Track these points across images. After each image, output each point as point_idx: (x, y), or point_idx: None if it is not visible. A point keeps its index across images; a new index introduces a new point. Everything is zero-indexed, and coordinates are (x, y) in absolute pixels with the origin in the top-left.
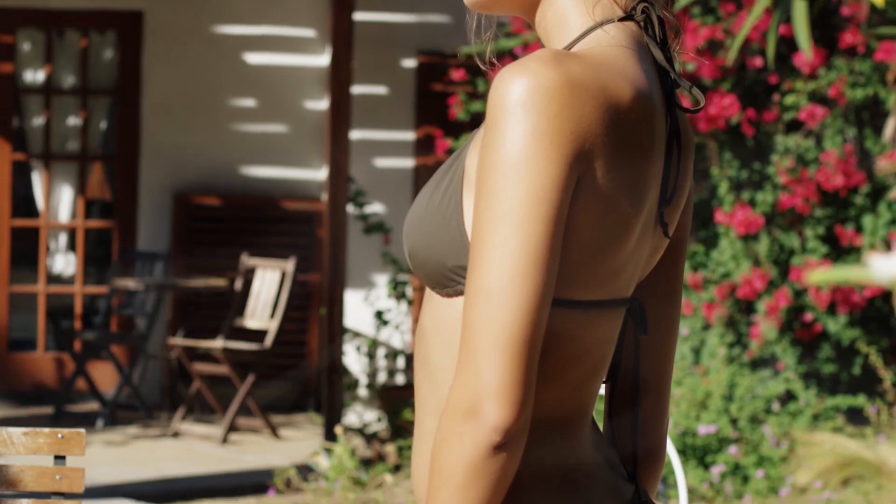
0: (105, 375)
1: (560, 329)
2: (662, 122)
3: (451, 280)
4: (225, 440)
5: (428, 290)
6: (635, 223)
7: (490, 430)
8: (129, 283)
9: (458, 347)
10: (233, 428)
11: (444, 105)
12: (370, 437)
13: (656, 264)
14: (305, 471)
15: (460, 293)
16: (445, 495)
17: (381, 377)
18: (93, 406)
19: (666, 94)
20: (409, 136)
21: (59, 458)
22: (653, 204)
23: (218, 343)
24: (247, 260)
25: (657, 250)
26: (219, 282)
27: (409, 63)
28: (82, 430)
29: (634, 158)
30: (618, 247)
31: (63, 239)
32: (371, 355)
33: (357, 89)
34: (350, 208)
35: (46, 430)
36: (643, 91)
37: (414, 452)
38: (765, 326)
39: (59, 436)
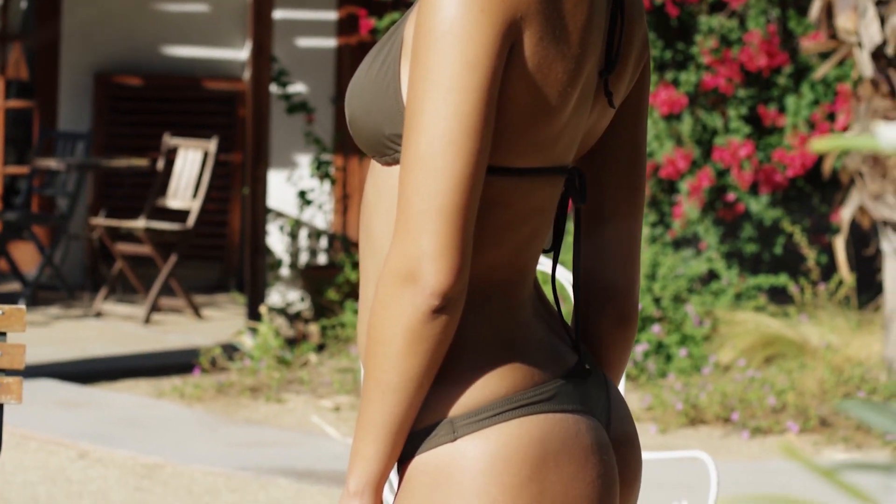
0: (26, 256)
1: (496, 196)
2: None
3: (388, 148)
4: (147, 320)
5: (371, 163)
6: (572, 91)
7: (428, 294)
8: (51, 164)
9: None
10: (155, 308)
11: None
12: (293, 317)
13: (618, 129)
14: (230, 350)
15: (398, 161)
16: (384, 360)
17: (304, 257)
18: (14, 287)
19: None
20: (331, 15)
21: (0, 335)
22: (593, 72)
23: (140, 223)
24: (169, 140)
25: (602, 119)
26: (141, 162)
27: None
28: (23, 307)
29: (570, 26)
30: (553, 115)
31: None
32: (294, 235)
33: None
34: (273, 88)
35: None
36: None
37: (359, 322)
38: (687, 206)
39: (0, 312)
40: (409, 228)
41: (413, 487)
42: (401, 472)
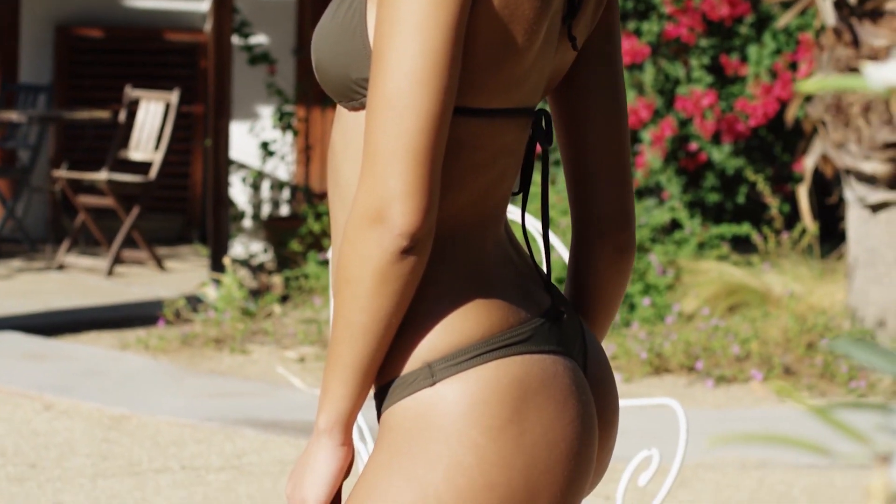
0: None
1: (463, 137)
2: None
3: (355, 93)
4: (110, 272)
5: (338, 109)
6: (538, 30)
7: (396, 234)
8: (12, 116)
9: None
10: (118, 260)
11: None
12: (256, 269)
13: (593, 63)
14: (194, 302)
15: (365, 106)
16: (353, 301)
17: (267, 209)
18: None
19: None
20: None
21: None
22: (557, 15)
23: (102, 175)
24: (130, 92)
25: (566, 60)
26: (102, 114)
27: None
28: None
29: None
30: (520, 54)
31: None
32: (256, 187)
33: None
34: (234, 39)
35: None
36: None
37: (331, 272)
38: (650, 156)
39: None
40: (376, 169)
41: (394, 433)
42: (381, 420)
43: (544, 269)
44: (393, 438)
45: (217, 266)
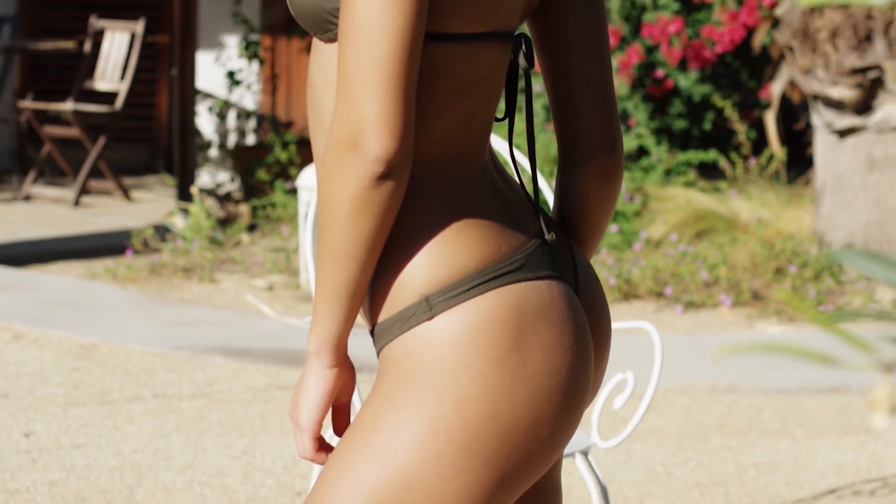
0: None
1: (440, 63)
2: None
3: (329, 23)
4: (77, 203)
5: (314, 42)
6: None
7: (371, 160)
8: None
9: None
10: (85, 191)
11: None
12: (223, 198)
13: None
14: (162, 231)
15: None
16: (334, 227)
17: (233, 138)
18: None
19: None
20: None
21: None
22: None
23: (68, 105)
24: (95, 22)
25: None
26: (68, 44)
27: None
28: None
29: None
30: None
31: None
32: (222, 116)
33: None
34: None
35: None
36: None
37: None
38: (616, 83)
39: None
40: (350, 97)
41: (397, 368)
42: (380, 356)
43: (532, 196)
44: (397, 373)
45: (184, 196)
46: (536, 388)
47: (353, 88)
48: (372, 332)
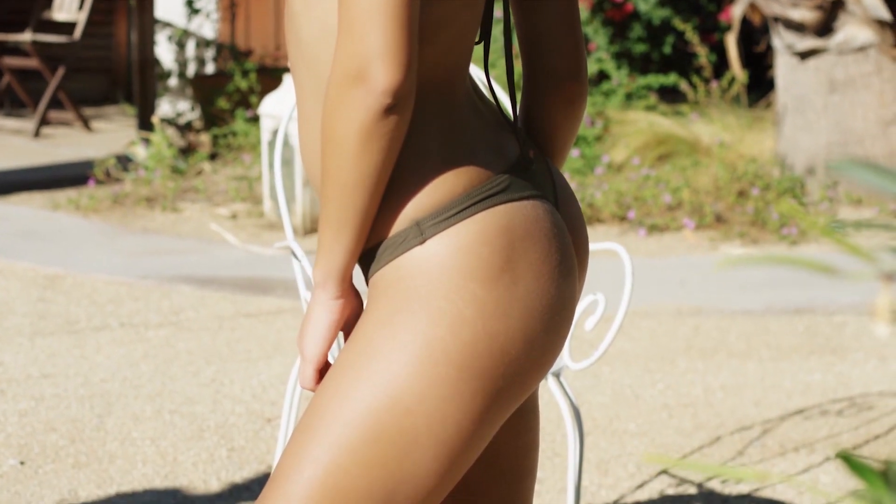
0: None
1: None
2: None
3: None
4: (37, 134)
5: None
6: None
7: (379, 93)
8: None
9: (330, 18)
10: (45, 121)
11: None
12: (184, 127)
13: None
14: (124, 161)
15: None
16: (341, 160)
17: (193, 67)
18: None
19: None
20: None
21: None
22: None
23: (26, 36)
24: None
25: None
26: None
27: None
28: None
29: None
30: None
31: None
32: (182, 45)
33: None
34: None
35: None
36: None
37: (299, 135)
38: None
39: None
40: (354, 29)
41: (390, 292)
42: (371, 282)
43: (512, 118)
44: (390, 297)
45: (145, 125)
46: (528, 307)
47: (357, 20)
48: (361, 259)
